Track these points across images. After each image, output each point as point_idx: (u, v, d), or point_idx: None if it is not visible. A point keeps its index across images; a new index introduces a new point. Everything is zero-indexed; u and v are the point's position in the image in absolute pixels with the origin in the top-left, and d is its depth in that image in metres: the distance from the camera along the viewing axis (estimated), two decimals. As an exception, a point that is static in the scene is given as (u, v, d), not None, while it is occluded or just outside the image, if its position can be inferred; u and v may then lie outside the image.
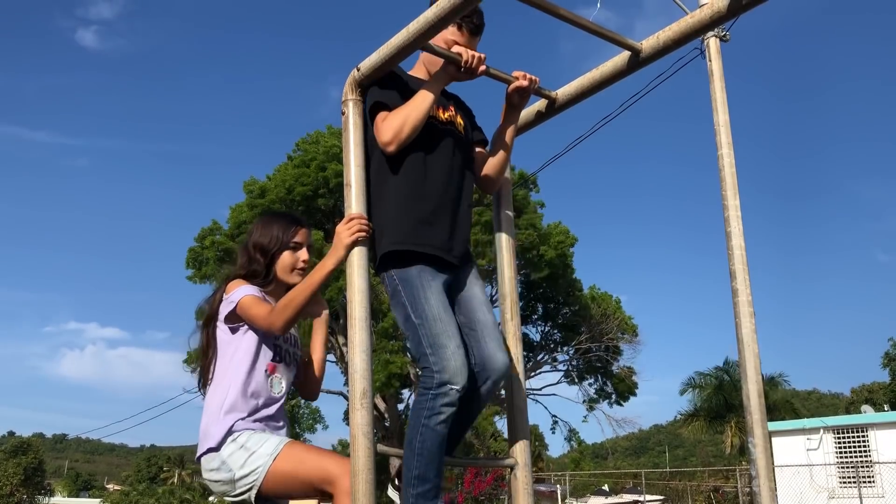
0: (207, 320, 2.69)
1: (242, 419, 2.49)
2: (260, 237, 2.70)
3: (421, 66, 2.64)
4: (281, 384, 2.62)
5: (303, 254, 2.71)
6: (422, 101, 2.34)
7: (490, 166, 2.65)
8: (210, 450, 2.49)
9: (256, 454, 2.42)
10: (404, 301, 2.35)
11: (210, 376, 2.62)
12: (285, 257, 2.68)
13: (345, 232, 2.32)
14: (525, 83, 2.55)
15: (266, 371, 2.57)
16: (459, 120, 2.58)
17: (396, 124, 2.31)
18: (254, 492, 2.42)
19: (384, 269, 2.42)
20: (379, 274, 2.46)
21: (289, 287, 2.60)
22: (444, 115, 2.51)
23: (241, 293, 2.55)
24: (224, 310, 2.58)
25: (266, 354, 2.59)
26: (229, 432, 2.47)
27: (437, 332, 2.27)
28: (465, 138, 2.59)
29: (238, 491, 2.45)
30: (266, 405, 2.55)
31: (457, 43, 2.49)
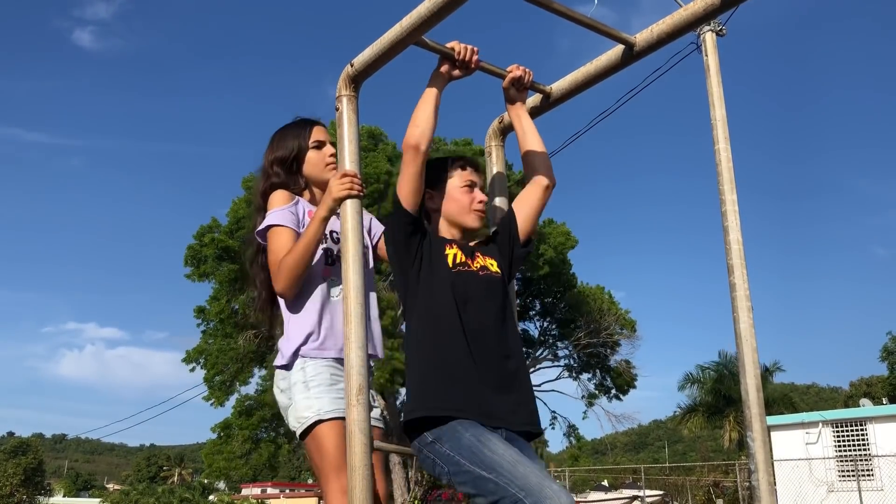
0: (256, 253, 2.67)
1: (310, 341, 2.49)
2: (278, 151, 2.68)
3: (445, 225, 2.43)
4: (338, 286, 2.58)
5: (328, 149, 2.68)
6: (427, 98, 2.30)
7: (527, 164, 2.51)
8: (282, 367, 2.53)
9: (309, 403, 2.42)
10: (457, 460, 1.99)
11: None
12: (311, 157, 2.67)
13: (336, 186, 2.29)
14: (519, 73, 2.52)
15: (322, 276, 2.56)
16: (490, 262, 2.37)
17: (411, 125, 2.26)
18: (296, 433, 2.48)
19: (416, 434, 2.13)
20: (413, 446, 2.16)
21: (326, 184, 2.58)
22: (475, 265, 2.33)
23: (273, 218, 2.52)
24: (261, 228, 2.56)
25: (319, 262, 2.57)
26: (298, 354, 2.48)
27: (524, 472, 1.89)
28: (501, 281, 2.35)
29: (287, 421, 2.51)
30: (329, 311, 2.54)
31: (471, 179, 2.42)
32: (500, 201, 2.75)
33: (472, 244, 2.41)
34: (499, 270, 2.35)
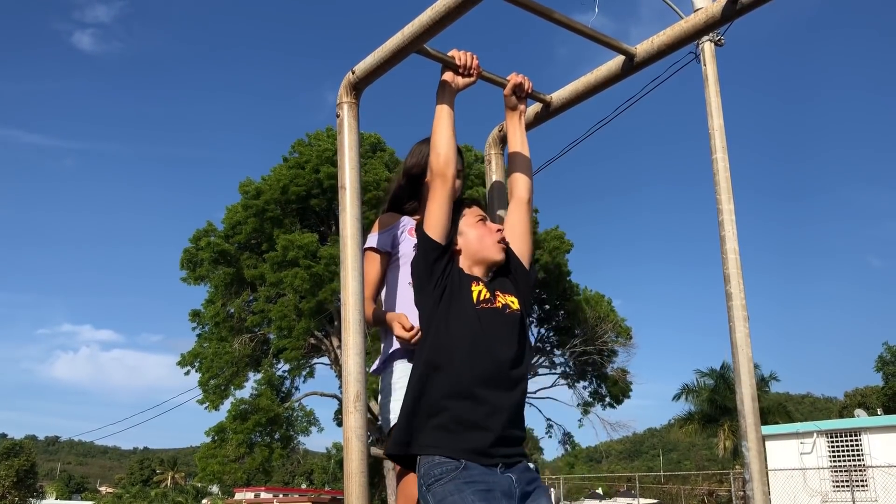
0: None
1: (400, 346, 2.53)
2: (409, 161, 2.76)
3: (467, 265, 2.34)
4: None
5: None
6: (442, 118, 2.29)
7: (511, 174, 2.51)
8: (374, 371, 2.61)
9: (391, 406, 2.47)
10: None
11: None
12: None
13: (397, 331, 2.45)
14: (519, 79, 2.53)
15: (409, 285, 2.54)
16: (511, 299, 2.28)
17: (433, 153, 2.25)
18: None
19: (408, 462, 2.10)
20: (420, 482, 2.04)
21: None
22: (498, 303, 2.24)
23: (368, 241, 2.65)
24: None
25: (405, 275, 2.60)
26: (388, 360, 2.56)
27: None
28: (521, 318, 2.27)
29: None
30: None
31: (481, 214, 2.39)
32: (500, 210, 2.75)
33: (490, 281, 2.34)
34: (519, 308, 2.27)
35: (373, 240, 2.65)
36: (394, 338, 2.53)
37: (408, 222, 2.71)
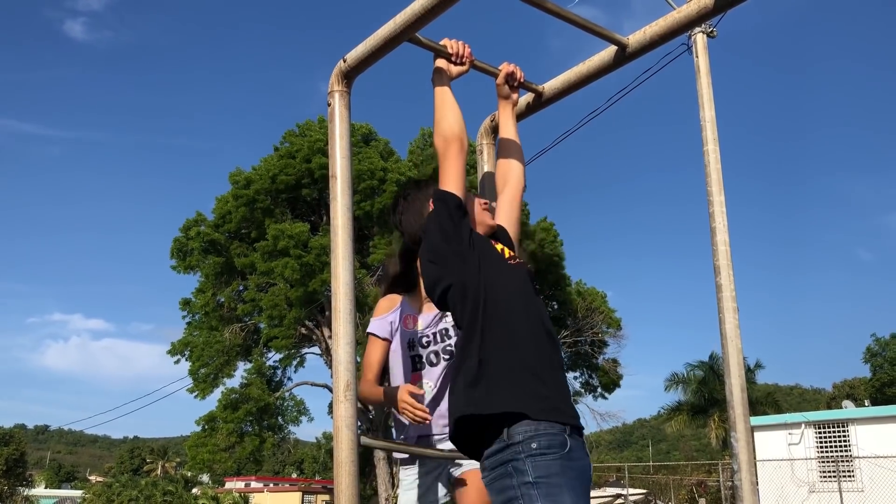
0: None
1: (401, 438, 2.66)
2: (411, 221, 2.59)
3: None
4: (428, 384, 2.61)
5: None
6: (445, 96, 2.27)
7: (503, 165, 2.50)
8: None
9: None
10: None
11: None
12: None
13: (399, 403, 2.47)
14: (511, 68, 2.52)
15: (411, 382, 2.61)
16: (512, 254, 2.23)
17: (444, 123, 2.22)
18: None
19: (487, 436, 1.87)
20: (491, 454, 1.86)
21: None
22: (520, 260, 2.19)
23: (371, 326, 2.68)
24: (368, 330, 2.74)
25: (406, 368, 2.63)
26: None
27: None
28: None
29: None
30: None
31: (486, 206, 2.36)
32: (491, 202, 2.75)
33: None
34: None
35: (373, 326, 2.66)
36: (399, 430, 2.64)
37: (406, 308, 2.68)
